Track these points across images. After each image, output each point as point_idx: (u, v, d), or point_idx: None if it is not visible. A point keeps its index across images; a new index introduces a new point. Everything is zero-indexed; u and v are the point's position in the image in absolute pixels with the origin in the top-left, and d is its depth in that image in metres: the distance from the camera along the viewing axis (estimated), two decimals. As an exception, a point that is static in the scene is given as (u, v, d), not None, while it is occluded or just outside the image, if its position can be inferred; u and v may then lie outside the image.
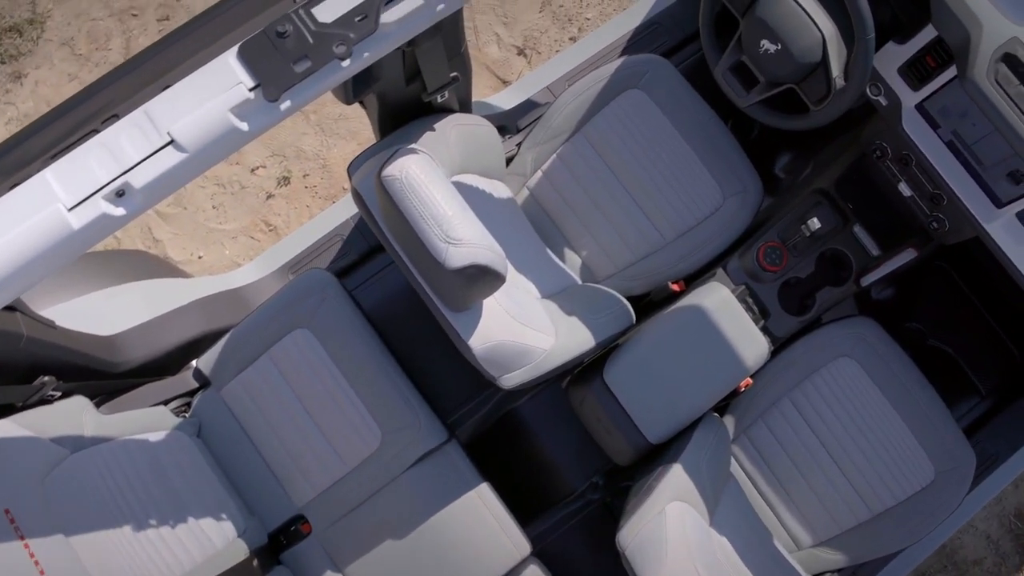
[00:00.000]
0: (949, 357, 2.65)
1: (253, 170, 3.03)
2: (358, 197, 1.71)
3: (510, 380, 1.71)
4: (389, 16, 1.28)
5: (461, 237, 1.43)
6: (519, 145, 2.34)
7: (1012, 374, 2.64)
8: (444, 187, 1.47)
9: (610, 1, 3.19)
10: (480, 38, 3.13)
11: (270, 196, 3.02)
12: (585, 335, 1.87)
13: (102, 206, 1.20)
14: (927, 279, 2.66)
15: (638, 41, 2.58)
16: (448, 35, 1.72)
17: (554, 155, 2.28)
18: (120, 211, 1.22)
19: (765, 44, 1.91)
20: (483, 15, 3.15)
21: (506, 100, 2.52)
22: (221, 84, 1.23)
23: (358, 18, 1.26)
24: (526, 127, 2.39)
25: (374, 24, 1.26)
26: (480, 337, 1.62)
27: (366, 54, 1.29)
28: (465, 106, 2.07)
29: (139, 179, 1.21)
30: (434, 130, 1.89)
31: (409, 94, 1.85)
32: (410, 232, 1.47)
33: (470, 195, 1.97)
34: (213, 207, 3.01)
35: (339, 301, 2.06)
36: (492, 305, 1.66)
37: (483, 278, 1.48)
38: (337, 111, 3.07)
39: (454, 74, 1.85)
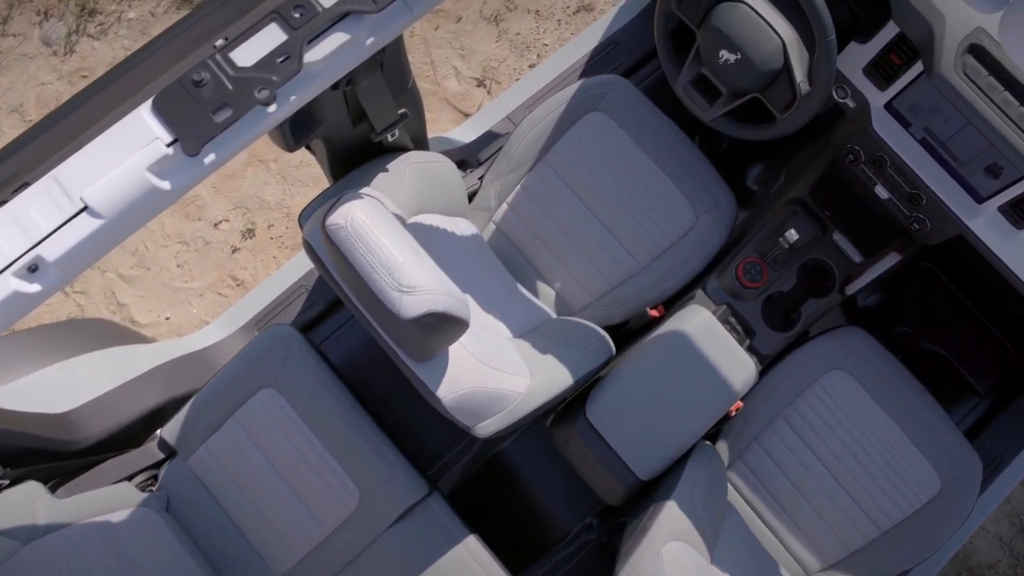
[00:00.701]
0: (943, 359, 2.55)
1: (216, 224, 2.92)
2: (309, 248, 1.60)
3: (486, 428, 1.59)
4: (313, 55, 1.18)
5: (415, 284, 1.32)
6: (481, 179, 2.23)
7: (1009, 371, 2.54)
8: (394, 231, 1.36)
9: (567, 26, 3.11)
10: (438, 72, 3.04)
11: (235, 250, 2.90)
12: (562, 373, 1.76)
13: (13, 283, 1.08)
14: (913, 281, 2.56)
15: (597, 62, 2.49)
16: (391, 70, 1.62)
17: (518, 186, 2.18)
18: (34, 287, 1.10)
19: (724, 54, 1.82)
20: (439, 49, 3.06)
21: (466, 133, 2.42)
22: (136, 141, 1.12)
23: (280, 59, 1.15)
24: (487, 160, 2.29)
25: (298, 64, 1.15)
26: (448, 387, 1.51)
27: (293, 97, 1.19)
28: (420, 143, 1.97)
29: (52, 251, 1.09)
30: (388, 171, 1.79)
31: (358, 135, 1.75)
32: (362, 282, 1.36)
33: (431, 236, 1.86)
34: (178, 266, 2.89)
35: (304, 357, 1.94)
36: (459, 351, 1.54)
37: (443, 326, 1.36)
38: (298, 158, 2.96)
39: (402, 111, 1.75)
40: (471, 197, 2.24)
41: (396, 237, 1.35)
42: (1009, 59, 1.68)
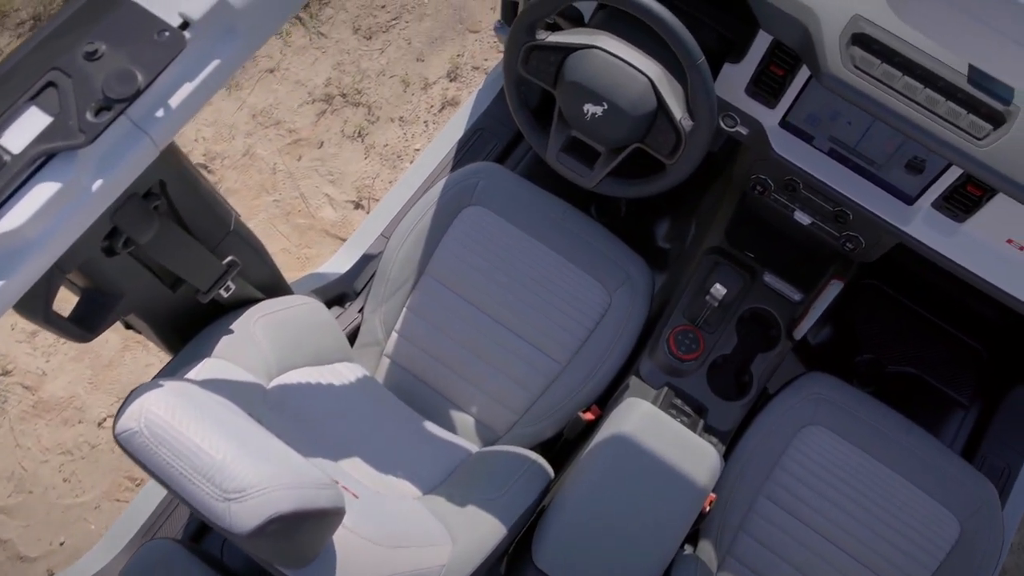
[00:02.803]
0: (915, 378, 2.24)
1: (100, 423, 2.51)
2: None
3: None
4: (10, 221, 0.83)
5: (244, 486, 0.95)
6: (362, 311, 1.89)
7: (986, 373, 2.24)
8: (208, 421, 1.00)
9: (435, 126, 2.83)
10: (311, 204, 2.72)
11: (127, 448, 2.49)
12: (492, 525, 1.38)
13: None
14: (860, 303, 2.27)
15: (466, 154, 2.20)
16: (193, 216, 1.28)
17: (404, 309, 1.83)
18: None
19: (590, 109, 1.53)
20: (307, 179, 2.75)
21: (340, 263, 2.08)
22: None
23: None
24: (365, 288, 1.95)
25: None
26: None
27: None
28: (273, 288, 1.62)
29: None
30: (233, 331, 1.44)
31: (182, 299, 1.40)
32: (179, 496, 0.98)
33: (301, 397, 1.50)
34: (64, 480, 2.47)
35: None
36: (347, 539, 1.16)
37: (302, 526, 0.99)
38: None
39: (229, 259, 1.41)
40: (354, 334, 1.89)
41: (212, 428, 0.99)
42: (901, 40, 1.42)
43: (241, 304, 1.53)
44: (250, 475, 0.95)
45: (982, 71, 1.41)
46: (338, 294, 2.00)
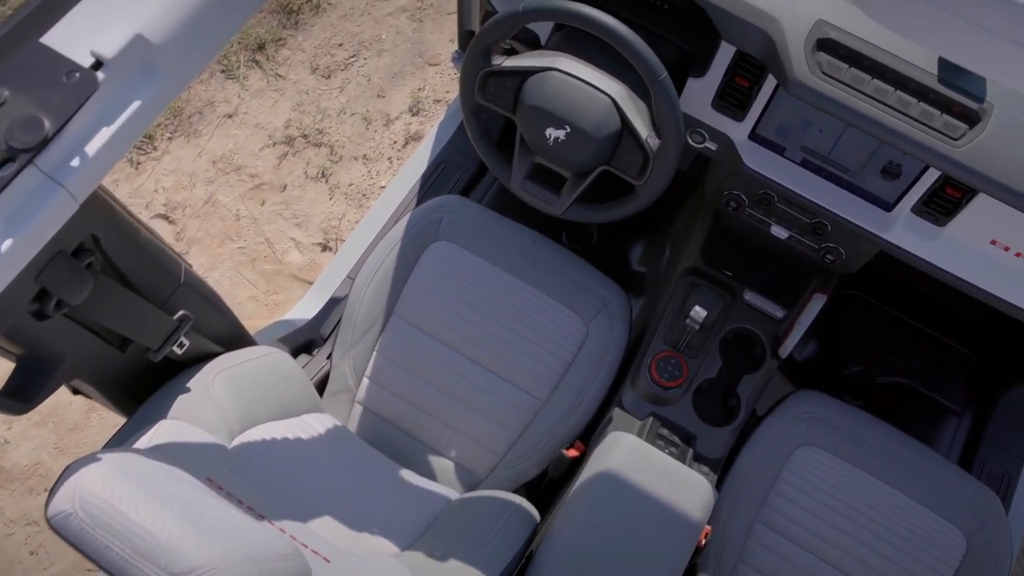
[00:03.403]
0: (906, 388, 2.17)
1: (68, 492, 2.39)
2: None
3: None
4: None
5: (192, 566, 0.85)
6: (330, 357, 1.80)
7: (976, 377, 2.17)
8: (151, 494, 0.90)
9: (399, 161, 2.76)
10: (277, 249, 2.63)
11: (97, 514, 2.37)
12: (475, 578, 1.29)
13: None
14: (843, 315, 2.20)
15: (431, 188, 2.12)
16: (136, 271, 1.19)
17: (374, 353, 1.74)
18: None
19: (552, 133, 1.46)
20: (272, 224, 2.66)
21: (305, 309, 1.99)
22: None
23: None
24: (332, 333, 1.86)
25: None
26: None
27: None
28: (232, 340, 1.53)
29: None
30: (190, 390, 1.34)
31: (133, 360, 1.30)
32: None
33: (266, 455, 1.40)
34: (31, 553, 2.33)
35: None
36: None
37: None
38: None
39: (181, 313, 1.32)
40: (324, 381, 1.79)
41: (157, 503, 0.89)
42: (868, 43, 1.36)
43: (199, 360, 1.44)
44: (199, 554, 0.85)
45: (953, 70, 1.35)
46: (305, 341, 1.90)
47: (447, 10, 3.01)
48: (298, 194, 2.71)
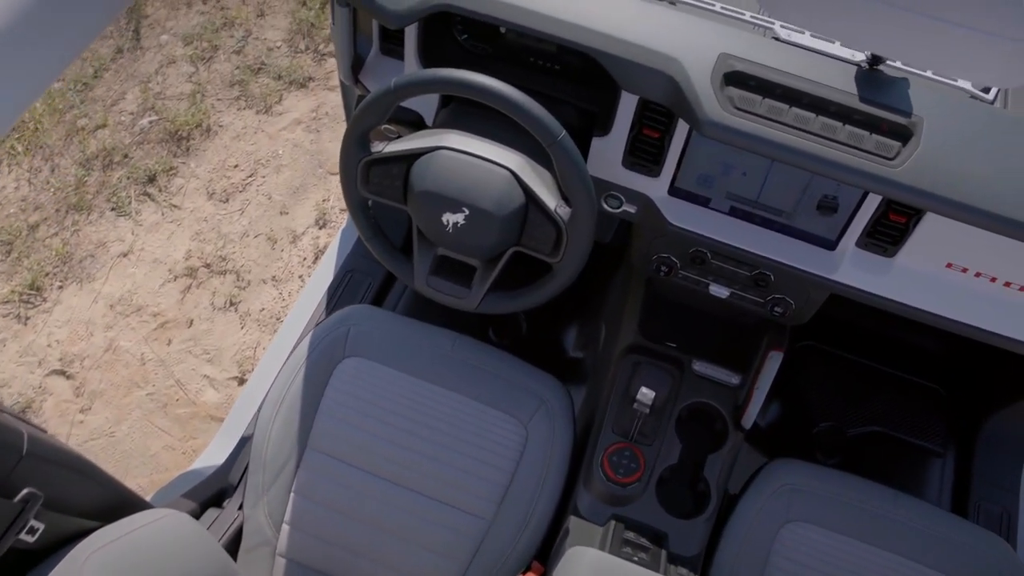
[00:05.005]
0: (880, 436, 1.98)
1: None
2: None
3: None
4: None
5: None
6: (242, 508, 1.53)
7: (950, 412, 2.00)
8: None
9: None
10: (189, 390, 2.37)
11: None
12: None
13: None
14: (801, 370, 2.02)
15: (339, 300, 1.91)
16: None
17: (291, 495, 1.49)
18: None
19: (449, 218, 1.27)
20: (181, 364, 2.41)
21: (214, 454, 1.73)
22: None
23: None
24: (242, 479, 1.60)
25: None
26: None
27: None
28: (114, 509, 1.27)
29: None
30: None
31: None
32: None
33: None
34: None
35: None
36: None
37: None
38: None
39: (25, 493, 1.06)
40: (237, 538, 1.52)
41: None
42: (778, 70, 1.21)
43: (67, 541, 1.17)
44: None
45: (873, 86, 1.21)
46: (216, 492, 1.64)
47: (343, 117, 2.86)
48: (207, 328, 2.46)
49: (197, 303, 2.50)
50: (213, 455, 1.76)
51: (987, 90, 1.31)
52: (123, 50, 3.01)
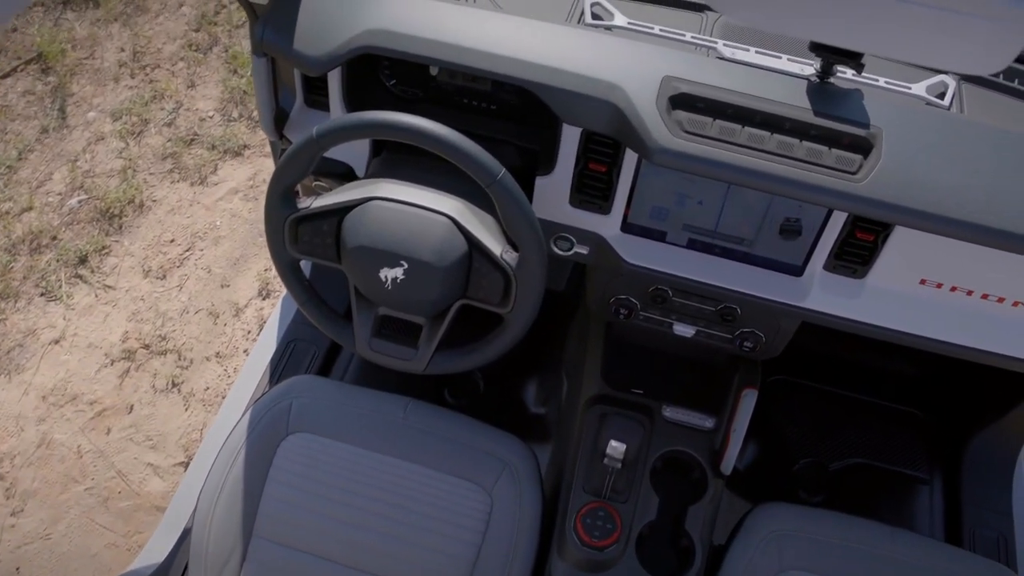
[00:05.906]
0: (864, 467, 1.89)
1: None
2: None
3: None
4: None
5: None
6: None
7: (931, 436, 1.92)
8: None
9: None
10: (132, 481, 2.19)
11: None
12: None
13: None
14: (775, 406, 1.92)
15: (282, 373, 1.77)
16: None
17: (237, 590, 1.33)
18: None
19: (387, 274, 1.15)
20: (122, 453, 2.23)
21: (155, 551, 1.57)
22: None
23: None
24: (182, 577, 1.44)
25: None
26: None
27: None
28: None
29: None
30: None
31: None
32: None
33: None
34: None
35: None
36: None
37: None
38: None
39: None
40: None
41: None
42: (726, 89, 1.13)
43: None
44: None
45: (827, 99, 1.13)
46: (157, 593, 1.48)
47: (283, 181, 2.75)
48: (148, 412, 2.30)
49: (137, 387, 2.34)
50: (152, 553, 1.59)
51: (943, 96, 1.25)
52: (48, 130, 2.88)
